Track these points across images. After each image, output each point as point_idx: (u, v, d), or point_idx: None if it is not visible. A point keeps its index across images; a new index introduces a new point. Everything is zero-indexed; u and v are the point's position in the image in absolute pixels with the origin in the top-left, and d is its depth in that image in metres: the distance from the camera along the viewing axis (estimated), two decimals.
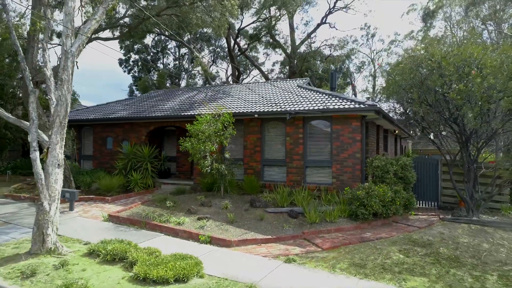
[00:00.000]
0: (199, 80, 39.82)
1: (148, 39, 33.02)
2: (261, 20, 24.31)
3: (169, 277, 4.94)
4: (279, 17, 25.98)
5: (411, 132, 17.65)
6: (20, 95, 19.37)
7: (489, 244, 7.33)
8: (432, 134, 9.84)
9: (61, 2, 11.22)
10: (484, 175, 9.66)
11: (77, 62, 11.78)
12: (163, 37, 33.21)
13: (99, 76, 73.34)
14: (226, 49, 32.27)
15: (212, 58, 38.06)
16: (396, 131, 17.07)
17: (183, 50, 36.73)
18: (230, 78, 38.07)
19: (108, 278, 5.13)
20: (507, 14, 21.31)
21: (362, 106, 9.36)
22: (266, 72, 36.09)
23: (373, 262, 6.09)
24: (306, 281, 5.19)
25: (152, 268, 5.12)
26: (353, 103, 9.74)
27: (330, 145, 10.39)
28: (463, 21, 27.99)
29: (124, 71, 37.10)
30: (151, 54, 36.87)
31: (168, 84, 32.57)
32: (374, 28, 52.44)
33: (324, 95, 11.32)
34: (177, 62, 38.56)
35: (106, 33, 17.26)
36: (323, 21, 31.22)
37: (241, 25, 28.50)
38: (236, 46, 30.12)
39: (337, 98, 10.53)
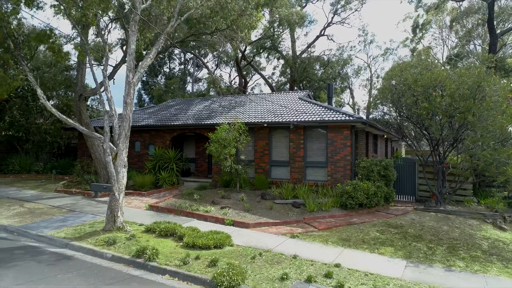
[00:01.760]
0: (203, 83, 41.76)
1: None
2: (266, 37, 26.17)
3: (210, 245, 6.85)
4: (282, 34, 27.93)
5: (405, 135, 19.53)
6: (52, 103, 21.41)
7: (448, 226, 9.18)
8: (408, 139, 11.69)
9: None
10: (451, 174, 11.53)
11: (114, 79, 13.66)
12: (169, 42, 34.82)
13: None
14: (230, 54, 33.92)
15: (216, 63, 39.77)
16: (385, 136, 18.91)
17: (188, 55, 38.25)
18: (233, 82, 39.93)
19: (166, 245, 7.04)
20: (485, 29, 23.11)
21: (351, 118, 11.26)
22: (267, 76, 37.86)
23: (356, 237, 7.98)
24: (305, 249, 7.08)
25: (197, 239, 7.02)
26: (344, 115, 11.63)
27: (326, 149, 12.28)
28: (449, 33, 29.85)
29: None
30: (158, 59, 38.56)
31: (172, 87, 34.26)
32: (371, 34, 54.26)
33: (321, 107, 13.21)
34: (182, 66, 40.36)
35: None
36: (322, 33, 33.18)
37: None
38: (242, 57, 31.97)
39: (332, 111, 12.42)
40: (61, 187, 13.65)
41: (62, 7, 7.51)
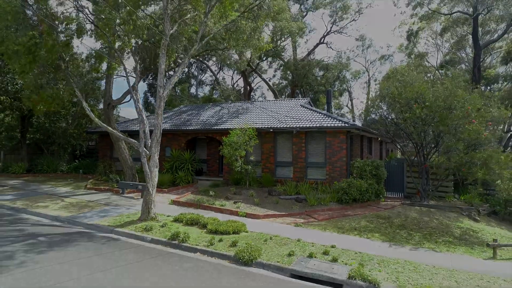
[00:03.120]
0: (207, 86, 43.21)
1: None
2: (270, 48, 27.59)
3: (229, 231, 8.21)
4: (284, 44, 29.45)
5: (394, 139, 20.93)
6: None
7: (429, 218, 10.50)
8: (397, 142, 13.04)
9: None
10: (434, 173, 12.85)
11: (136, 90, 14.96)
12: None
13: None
14: (232, 58, 35.22)
15: (219, 66, 40.99)
16: (379, 138, 20.24)
17: (192, 59, 39.41)
18: (235, 85, 41.26)
19: (193, 232, 8.39)
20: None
21: (346, 125, 12.62)
22: (268, 79, 39.10)
23: (349, 226, 9.32)
24: (307, 235, 8.42)
25: (218, 226, 8.38)
26: (340, 122, 12.98)
27: (324, 151, 13.62)
28: (441, 40, 31.18)
29: None
30: None
31: (177, 90, 35.36)
32: (369, 39, 55.38)
33: (320, 114, 14.57)
34: (186, 69, 41.63)
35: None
36: (321, 41, 34.56)
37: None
38: (247, 65, 33.32)
39: (330, 118, 13.77)
40: (90, 185, 15.03)
41: (106, 35, 8.90)
